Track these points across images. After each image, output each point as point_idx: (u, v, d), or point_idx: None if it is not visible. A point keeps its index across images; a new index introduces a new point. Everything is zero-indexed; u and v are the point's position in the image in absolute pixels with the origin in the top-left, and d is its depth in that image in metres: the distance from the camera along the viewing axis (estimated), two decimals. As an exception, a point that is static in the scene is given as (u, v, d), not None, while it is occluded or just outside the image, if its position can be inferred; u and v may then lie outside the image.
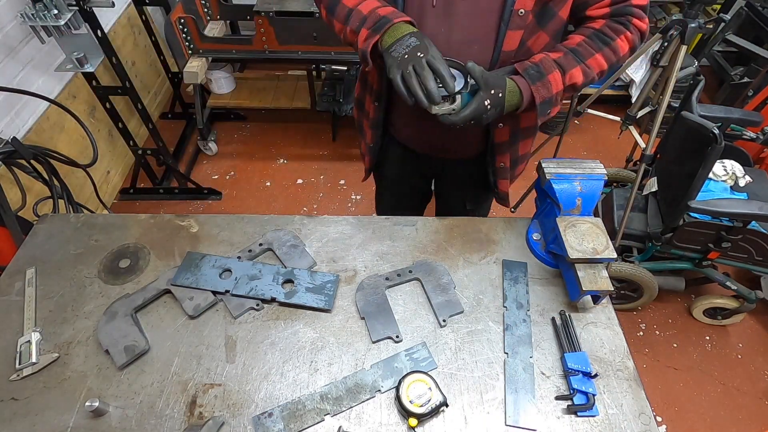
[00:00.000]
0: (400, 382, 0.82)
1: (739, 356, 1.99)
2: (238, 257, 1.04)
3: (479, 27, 0.92)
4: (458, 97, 0.84)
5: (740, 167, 1.79)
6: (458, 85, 0.83)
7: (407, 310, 0.97)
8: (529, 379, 0.86)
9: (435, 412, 0.80)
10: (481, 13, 0.90)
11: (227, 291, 0.97)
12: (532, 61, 0.91)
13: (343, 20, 0.93)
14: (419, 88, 0.80)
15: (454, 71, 0.85)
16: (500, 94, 0.87)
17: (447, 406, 0.81)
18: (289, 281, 1.00)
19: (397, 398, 0.80)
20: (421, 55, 0.80)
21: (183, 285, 0.98)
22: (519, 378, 0.86)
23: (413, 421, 0.79)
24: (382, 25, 0.85)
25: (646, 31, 0.96)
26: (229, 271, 1.01)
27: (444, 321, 0.94)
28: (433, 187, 1.53)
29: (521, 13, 0.87)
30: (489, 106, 0.86)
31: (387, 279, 1.01)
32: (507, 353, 0.90)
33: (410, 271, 1.02)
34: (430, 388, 0.81)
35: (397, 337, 0.92)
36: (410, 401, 0.79)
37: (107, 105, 2.16)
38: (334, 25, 0.97)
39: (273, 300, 0.97)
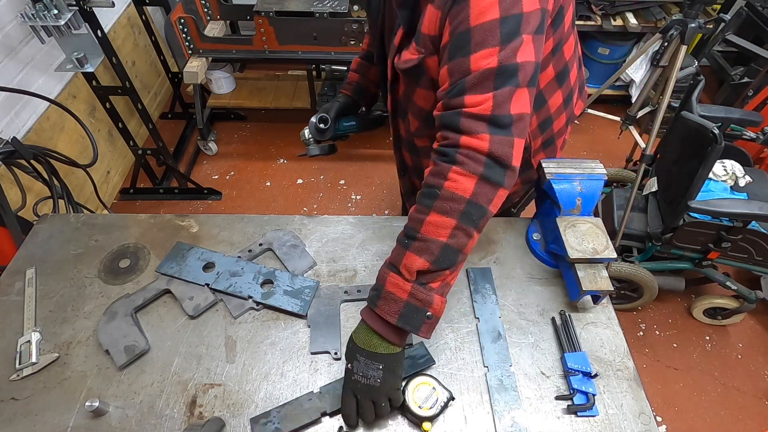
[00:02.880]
0: (403, 392, 0.80)
1: (739, 356, 1.99)
2: (238, 257, 1.04)
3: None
4: (311, 148, 1.16)
5: (740, 167, 1.79)
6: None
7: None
8: (511, 392, 0.85)
9: (444, 408, 0.80)
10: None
11: (207, 284, 0.98)
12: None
13: None
14: None
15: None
16: (356, 350, 0.77)
17: (453, 399, 0.81)
18: (269, 282, 1.00)
19: (406, 409, 0.79)
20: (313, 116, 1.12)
21: (167, 274, 1.00)
22: (503, 390, 0.85)
23: (427, 425, 0.78)
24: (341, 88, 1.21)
25: (491, 150, 0.70)
26: (213, 265, 1.02)
27: None
28: None
29: (388, 77, 0.94)
30: (358, 370, 0.76)
31: (346, 292, 0.99)
32: (487, 366, 0.88)
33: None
34: (434, 388, 0.80)
35: (336, 353, 0.89)
36: (419, 406, 0.79)
37: (107, 105, 2.16)
38: None
39: (249, 298, 0.97)
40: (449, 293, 0.80)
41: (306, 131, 1.16)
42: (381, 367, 0.75)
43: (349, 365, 0.77)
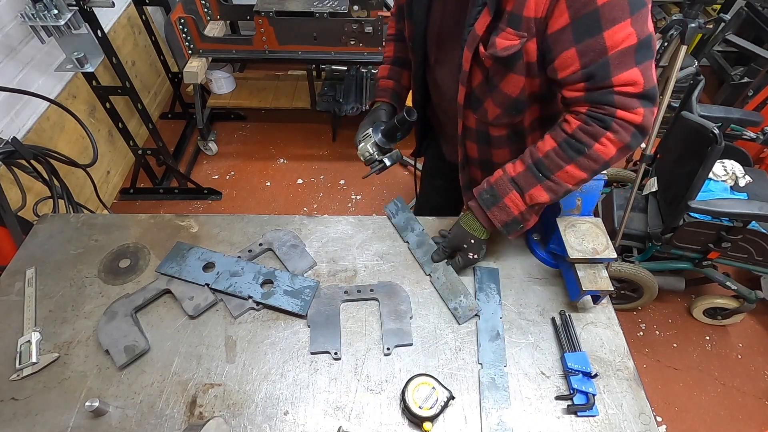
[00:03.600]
0: (403, 393, 0.81)
1: (739, 356, 1.99)
2: (238, 257, 1.04)
3: (451, 82, 1.00)
4: (385, 159, 1.08)
5: (740, 167, 1.79)
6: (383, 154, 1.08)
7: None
8: (501, 391, 0.85)
9: (444, 408, 0.80)
10: (450, 68, 0.99)
11: (207, 284, 0.98)
12: (489, 181, 0.93)
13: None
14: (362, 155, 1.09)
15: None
16: (467, 234, 0.98)
17: (453, 398, 0.81)
18: (269, 282, 1.00)
19: (406, 409, 0.80)
20: (366, 134, 1.09)
21: (167, 274, 1.00)
22: (494, 388, 0.85)
23: (427, 425, 0.79)
24: (372, 97, 1.22)
25: (643, 123, 0.77)
26: (213, 265, 1.02)
27: (388, 349, 0.90)
28: None
29: (464, 69, 0.90)
30: (466, 248, 0.99)
31: (346, 292, 0.99)
32: (481, 364, 0.89)
33: (371, 290, 0.99)
34: (433, 388, 0.81)
35: (336, 354, 0.90)
36: (419, 407, 0.79)
37: (107, 105, 2.16)
38: None
39: (249, 298, 0.96)
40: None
41: (368, 146, 1.08)
42: (484, 246, 1.00)
43: (465, 245, 0.99)
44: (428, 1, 0.95)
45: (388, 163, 1.08)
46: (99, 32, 1.86)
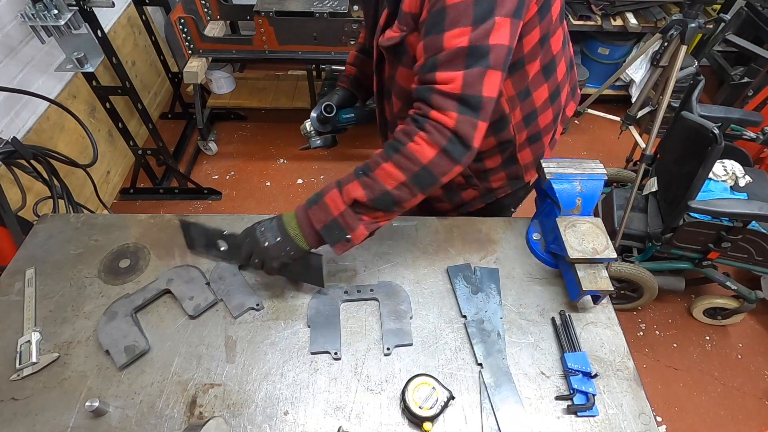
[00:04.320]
0: (403, 393, 0.81)
1: (739, 356, 1.99)
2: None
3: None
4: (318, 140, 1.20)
5: (740, 167, 1.79)
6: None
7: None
8: (508, 385, 0.85)
9: (444, 408, 0.80)
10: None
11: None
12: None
13: None
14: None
15: None
16: (272, 221, 0.89)
17: (453, 398, 0.81)
18: None
19: (406, 409, 0.80)
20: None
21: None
22: (500, 387, 0.85)
23: (427, 425, 0.79)
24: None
25: (456, 128, 0.74)
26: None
27: (388, 349, 0.90)
28: None
29: (374, 58, 0.96)
30: (263, 230, 0.88)
31: (346, 292, 0.99)
32: (480, 364, 0.88)
33: (371, 290, 0.99)
34: (433, 388, 0.80)
35: (336, 354, 0.90)
36: (419, 406, 0.79)
37: (107, 105, 2.16)
38: None
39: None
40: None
41: (307, 124, 1.18)
42: (279, 239, 0.86)
43: (264, 222, 0.89)
44: None
45: (319, 143, 1.19)
46: (99, 32, 1.86)
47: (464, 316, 0.95)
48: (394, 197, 0.80)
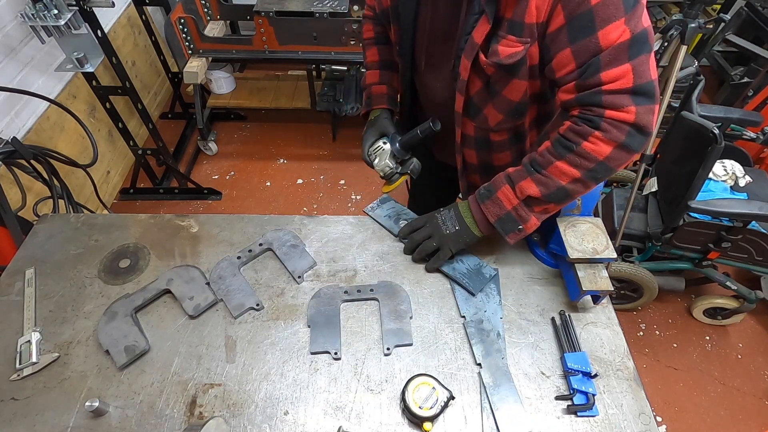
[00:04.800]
0: (403, 393, 0.81)
1: (739, 356, 1.99)
2: (238, 257, 1.04)
3: (443, 88, 1.01)
4: (408, 171, 1.11)
5: (740, 167, 1.79)
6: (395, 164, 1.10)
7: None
8: (507, 384, 0.85)
9: (444, 408, 0.80)
10: (442, 75, 1.00)
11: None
12: (490, 181, 0.95)
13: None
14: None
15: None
16: (450, 210, 0.99)
17: (453, 398, 0.81)
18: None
19: (406, 409, 0.80)
20: (377, 147, 1.12)
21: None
22: (499, 387, 0.85)
23: (428, 425, 0.79)
24: (368, 105, 1.18)
25: (637, 120, 0.75)
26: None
27: (388, 349, 0.90)
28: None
29: (462, 78, 0.90)
30: (444, 219, 0.99)
31: (346, 292, 0.99)
32: (479, 364, 0.88)
33: (371, 290, 0.99)
34: (433, 388, 0.80)
35: (336, 354, 0.89)
36: (419, 406, 0.79)
37: (107, 105, 2.16)
38: None
39: None
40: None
41: (389, 163, 1.09)
42: (458, 229, 0.97)
43: (443, 211, 0.99)
44: (415, 6, 0.94)
45: (414, 175, 1.11)
46: (99, 32, 1.86)
47: (463, 317, 0.95)
48: (568, 191, 0.84)
